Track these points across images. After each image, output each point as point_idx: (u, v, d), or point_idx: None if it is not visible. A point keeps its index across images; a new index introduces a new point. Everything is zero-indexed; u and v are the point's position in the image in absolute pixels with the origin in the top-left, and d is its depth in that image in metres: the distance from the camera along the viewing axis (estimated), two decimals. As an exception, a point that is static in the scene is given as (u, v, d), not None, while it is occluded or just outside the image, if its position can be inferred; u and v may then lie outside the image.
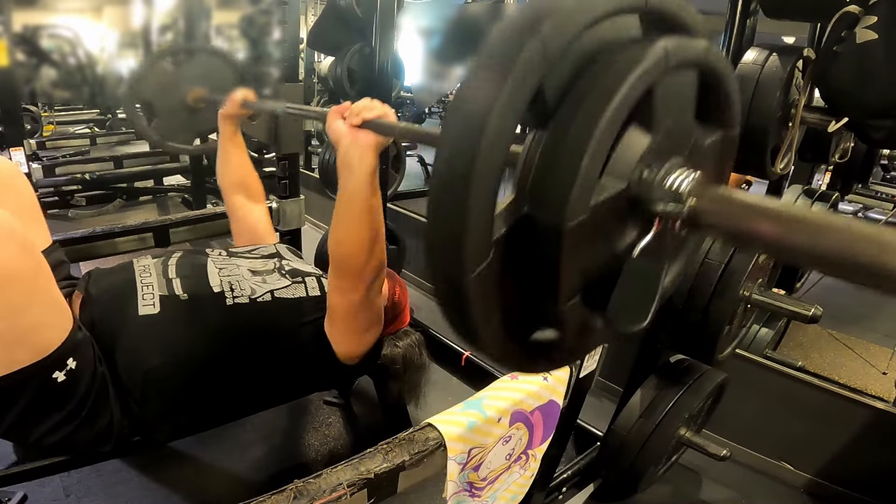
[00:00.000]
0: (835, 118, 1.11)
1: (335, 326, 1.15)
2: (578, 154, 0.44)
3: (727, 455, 1.33)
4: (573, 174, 0.44)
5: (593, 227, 0.47)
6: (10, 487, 1.30)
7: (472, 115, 0.42)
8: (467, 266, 0.45)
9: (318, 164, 2.47)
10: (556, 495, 1.48)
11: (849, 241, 0.39)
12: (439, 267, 0.47)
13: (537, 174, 0.46)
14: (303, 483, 0.79)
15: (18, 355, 0.87)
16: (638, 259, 0.52)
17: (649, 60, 0.46)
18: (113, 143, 5.22)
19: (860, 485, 1.59)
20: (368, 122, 0.96)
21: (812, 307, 1.19)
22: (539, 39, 0.42)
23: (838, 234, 0.39)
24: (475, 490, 1.00)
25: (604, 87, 0.45)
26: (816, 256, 0.40)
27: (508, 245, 0.47)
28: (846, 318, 2.66)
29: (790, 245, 0.42)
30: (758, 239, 0.44)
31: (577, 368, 1.09)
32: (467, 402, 0.98)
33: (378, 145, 0.97)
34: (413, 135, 1.01)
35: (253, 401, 1.24)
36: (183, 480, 1.47)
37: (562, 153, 0.45)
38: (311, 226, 3.58)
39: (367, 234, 1.01)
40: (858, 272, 0.38)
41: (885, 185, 3.62)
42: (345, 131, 0.97)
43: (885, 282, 0.37)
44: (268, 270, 1.25)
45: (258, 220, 1.56)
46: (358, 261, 1.03)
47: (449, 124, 0.44)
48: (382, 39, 2.05)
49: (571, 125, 0.45)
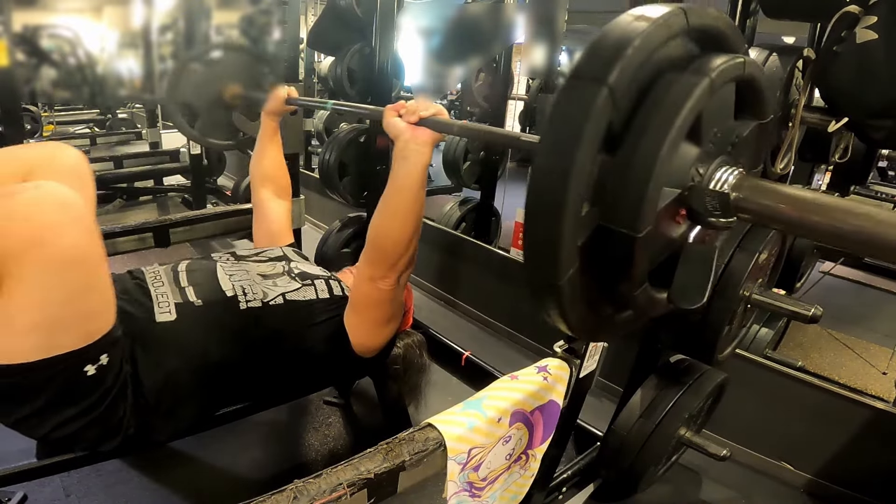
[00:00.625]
0: (835, 118, 1.11)
1: (359, 315, 1.17)
2: (645, 179, 0.54)
3: (727, 455, 1.33)
4: (642, 195, 0.55)
5: (657, 229, 0.58)
6: (10, 487, 1.30)
7: (561, 155, 0.54)
8: (561, 273, 0.57)
9: (319, 164, 2.47)
10: (556, 495, 1.48)
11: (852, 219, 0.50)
12: (537, 274, 0.60)
13: (610, 194, 0.57)
14: (303, 483, 0.79)
15: (62, 340, 0.87)
16: (692, 246, 0.65)
17: (698, 92, 0.56)
18: (113, 143, 5.23)
19: (860, 485, 1.59)
20: (425, 120, 1.05)
21: (812, 307, 1.19)
22: (607, 86, 0.52)
23: (848, 214, 0.51)
24: (475, 490, 1.00)
25: (661, 120, 0.55)
26: (835, 235, 0.52)
27: (588, 249, 0.59)
28: (846, 318, 2.66)
29: (812, 225, 0.53)
30: (786, 221, 0.56)
31: (577, 368, 1.09)
32: (467, 402, 0.97)
33: (434, 141, 1.07)
34: (469, 132, 1.08)
35: (265, 398, 1.25)
36: (183, 480, 1.47)
37: (631, 177, 0.55)
38: (311, 226, 3.58)
39: (411, 225, 1.09)
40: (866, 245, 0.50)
41: (885, 186, 3.62)
42: (403, 126, 1.06)
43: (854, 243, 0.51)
44: (277, 273, 1.26)
45: (279, 216, 1.58)
46: (397, 249, 1.09)
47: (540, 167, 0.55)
48: (382, 39, 2.05)
49: (636, 154, 0.55)
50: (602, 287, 0.64)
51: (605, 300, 0.67)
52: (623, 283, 0.62)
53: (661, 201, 0.56)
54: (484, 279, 2.61)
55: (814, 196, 0.54)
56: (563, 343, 1.11)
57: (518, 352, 2.37)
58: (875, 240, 0.49)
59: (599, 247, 0.59)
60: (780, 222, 0.59)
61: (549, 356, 1.09)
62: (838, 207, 0.52)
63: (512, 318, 2.47)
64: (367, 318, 1.18)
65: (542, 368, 1.05)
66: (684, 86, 0.56)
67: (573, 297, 0.61)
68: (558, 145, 0.54)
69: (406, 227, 1.09)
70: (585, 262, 0.59)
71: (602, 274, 0.62)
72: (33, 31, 2.04)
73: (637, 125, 0.56)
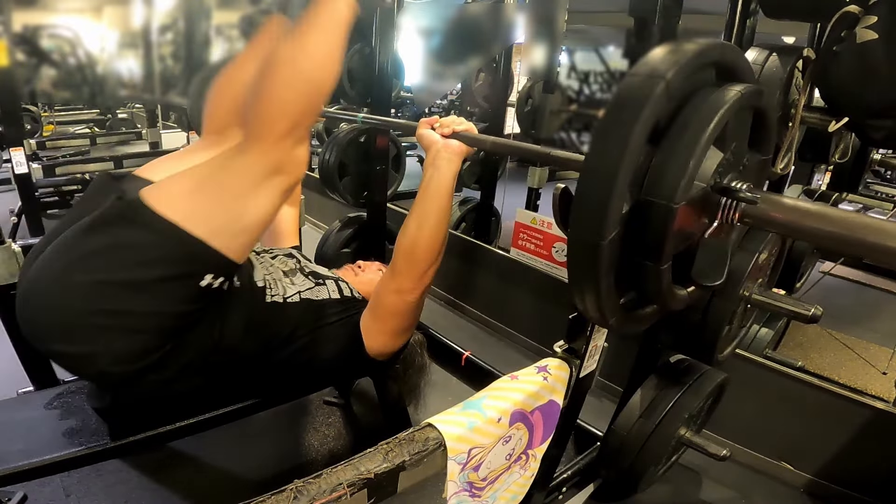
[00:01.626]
0: (835, 118, 1.11)
1: (380, 323, 1.19)
2: (685, 163, 0.70)
3: (727, 455, 1.33)
4: (682, 173, 0.70)
5: (686, 211, 0.73)
6: (10, 487, 1.30)
7: (619, 133, 0.67)
8: (606, 233, 0.69)
9: (318, 164, 2.47)
10: (557, 495, 1.48)
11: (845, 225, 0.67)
12: (582, 235, 0.71)
13: (652, 174, 0.72)
14: (303, 483, 0.78)
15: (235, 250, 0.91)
16: (709, 238, 0.80)
17: (730, 101, 0.72)
18: (113, 143, 5.23)
19: (860, 485, 1.59)
20: (458, 134, 1.15)
21: (812, 307, 1.18)
22: (664, 81, 0.66)
23: (836, 221, 0.68)
24: (475, 490, 1.00)
25: (701, 118, 0.71)
26: (824, 238, 0.69)
27: (628, 221, 0.73)
28: (846, 318, 2.66)
29: (806, 230, 0.71)
30: (782, 225, 0.75)
31: (577, 368, 1.09)
32: (467, 402, 0.97)
33: (464, 153, 1.16)
34: (502, 147, 1.17)
35: (271, 395, 1.24)
36: (183, 480, 1.47)
37: (673, 162, 0.71)
38: (311, 226, 3.59)
39: (440, 233, 1.13)
40: (849, 246, 0.68)
41: (885, 186, 3.62)
42: (437, 138, 1.16)
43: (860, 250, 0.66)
44: (293, 270, 1.26)
45: (288, 218, 1.59)
46: (428, 257, 1.13)
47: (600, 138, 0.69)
48: (382, 39, 2.05)
49: (679, 143, 0.71)
50: (633, 267, 0.76)
51: (633, 284, 0.80)
52: (652, 258, 0.74)
53: (693, 188, 0.71)
54: (484, 279, 2.61)
55: (812, 207, 0.71)
56: (563, 343, 1.11)
57: (518, 352, 2.37)
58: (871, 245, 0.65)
59: (637, 220, 0.73)
60: (776, 227, 0.77)
61: (549, 356, 1.09)
62: (835, 217, 0.68)
63: (512, 318, 2.47)
64: (388, 327, 1.20)
65: (542, 368, 1.05)
66: (720, 95, 0.73)
67: (610, 264, 0.71)
68: (618, 125, 0.67)
69: (437, 234, 1.13)
70: (625, 232, 0.72)
71: (636, 248, 0.74)
72: (33, 31, 2.04)
73: (680, 122, 0.72)
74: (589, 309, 0.79)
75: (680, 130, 0.71)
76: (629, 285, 0.82)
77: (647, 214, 0.72)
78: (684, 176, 0.69)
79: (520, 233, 2.42)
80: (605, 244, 0.69)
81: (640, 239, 0.74)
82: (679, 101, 0.72)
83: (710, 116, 0.70)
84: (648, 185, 0.72)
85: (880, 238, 0.64)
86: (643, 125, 0.66)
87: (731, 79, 0.78)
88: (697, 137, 0.69)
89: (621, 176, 0.66)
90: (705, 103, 0.71)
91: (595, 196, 0.68)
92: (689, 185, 0.70)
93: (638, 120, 0.66)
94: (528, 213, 2.43)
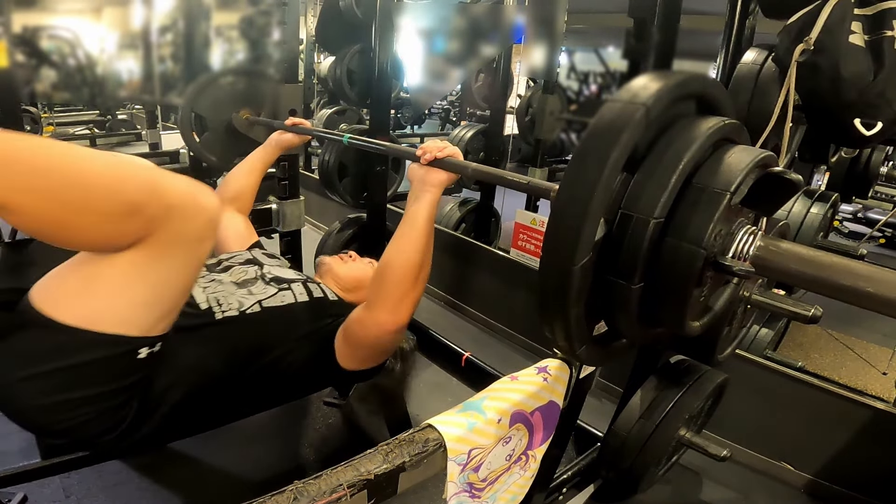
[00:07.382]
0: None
1: (351, 349, 1.17)
2: (663, 186, 0.71)
3: (727, 455, 1.33)
4: (660, 193, 0.71)
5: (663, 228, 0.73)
6: (10, 488, 1.30)
7: (596, 157, 0.66)
8: (577, 259, 0.68)
9: (318, 165, 2.47)
10: (557, 496, 1.48)
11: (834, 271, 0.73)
12: (552, 259, 0.70)
13: (629, 197, 0.73)
14: (303, 484, 0.78)
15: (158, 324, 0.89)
16: None
17: (702, 137, 0.73)
18: (113, 143, 5.23)
19: (860, 485, 1.59)
20: (440, 161, 1.13)
21: (812, 307, 1.18)
22: (644, 106, 0.66)
23: (828, 268, 0.73)
24: (475, 491, 1.00)
25: (677, 149, 0.72)
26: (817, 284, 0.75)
27: (600, 249, 0.73)
28: (846, 318, 2.66)
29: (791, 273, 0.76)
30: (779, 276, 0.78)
31: (577, 369, 1.09)
32: (467, 402, 0.97)
33: (444, 183, 1.15)
34: (482, 174, 1.16)
35: (248, 406, 1.23)
36: (183, 481, 1.47)
37: (650, 186, 0.72)
38: (310, 226, 3.59)
39: (418, 258, 1.10)
40: (841, 292, 0.74)
41: (884, 186, 3.62)
42: (419, 171, 1.15)
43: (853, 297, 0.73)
44: (251, 279, 1.25)
45: (229, 227, 1.53)
46: (406, 281, 1.09)
47: (577, 161, 0.68)
48: (382, 40, 2.05)
49: (657, 169, 0.72)
50: (604, 294, 0.75)
51: (602, 313, 0.79)
52: (629, 275, 0.73)
53: None
54: (484, 280, 2.61)
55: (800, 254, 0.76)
56: (563, 343, 1.11)
57: (518, 352, 2.37)
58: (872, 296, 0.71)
59: (611, 244, 0.73)
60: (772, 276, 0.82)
61: (549, 357, 1.09)
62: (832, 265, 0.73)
63: (512, 318, 2.47)
64: (359, 354, 1.18)
65: (542, 369, 1.05)
66: (698, 125, 0.74)
67: (580, 291, 0.70)
68: (597, 147, 0.67)
69: (412, 260, 1.09)
70: (596, 261, 0.71)
71: (608, 268, 0.74)
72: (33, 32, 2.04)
73: (657, 150, 0.73)
74: (557, 337, 0.77)
75: (657, 159, 0.72)
76: (600, 315, 0.81)
77: (622, 235, 0.72)
78: (662, 196, 0.71)
79: (520, 233, 2.43)
80: (576, 269, 0.68)
81: (613, 262, 0.74)
82: (657, 129, 0.73)
83: (691, 141, 0.72)
84: (628, 201, 0.73)
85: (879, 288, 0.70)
86: (621, 149, 0.66)
87: (712, 112, 0.79)
88: (674, 166, 0.71)
89: (595, 200, 0.66)
90: (682, 134, 0.73)
91: (567, 221, 0.68)
92: (668, 201, 0.71)
93: (617, 143, 0.65)
94: (527, 213, 2.44)
